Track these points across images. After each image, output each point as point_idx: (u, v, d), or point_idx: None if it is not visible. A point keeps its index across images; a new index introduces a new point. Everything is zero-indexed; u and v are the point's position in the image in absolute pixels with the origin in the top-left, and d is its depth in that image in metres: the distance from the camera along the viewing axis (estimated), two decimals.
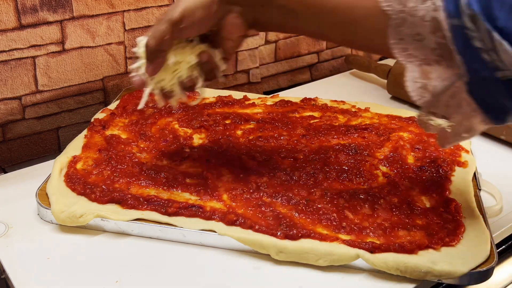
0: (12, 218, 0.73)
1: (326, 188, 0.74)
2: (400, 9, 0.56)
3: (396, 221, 0.68)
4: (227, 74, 1.20)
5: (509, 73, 0.52)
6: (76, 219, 0.69)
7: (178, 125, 0.90)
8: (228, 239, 0.67)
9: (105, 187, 0.73)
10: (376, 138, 0.86)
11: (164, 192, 0.73)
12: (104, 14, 0.98)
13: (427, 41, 0.57)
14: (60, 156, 0.80)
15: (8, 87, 0.93)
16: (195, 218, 0.69)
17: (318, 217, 0.68)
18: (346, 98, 1.00)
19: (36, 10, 0.90)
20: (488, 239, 0.65)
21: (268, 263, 0.66)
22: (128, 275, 0.64)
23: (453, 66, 0.57)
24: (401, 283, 0.63)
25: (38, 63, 0.94)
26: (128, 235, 0.70)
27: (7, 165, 0.96)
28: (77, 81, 1.00)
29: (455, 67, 0.57)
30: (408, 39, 0.57)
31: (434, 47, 0.57)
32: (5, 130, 0.95)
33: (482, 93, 0.57)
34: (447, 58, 0.57)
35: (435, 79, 0.60)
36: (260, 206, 0.70)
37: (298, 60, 1.31)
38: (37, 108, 0.97)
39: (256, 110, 0.96)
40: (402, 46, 0.58)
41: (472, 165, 0.80)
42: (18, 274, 0.64)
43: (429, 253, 0.63)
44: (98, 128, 0.87)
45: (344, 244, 0.64)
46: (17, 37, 0.90)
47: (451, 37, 0.54)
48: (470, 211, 0.70)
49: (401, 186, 0.75)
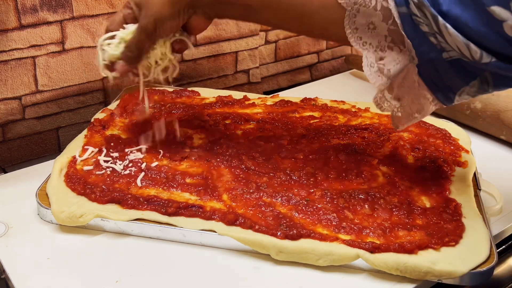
0: (12, 218, 0.73)
1: (326, 188, 0.74)
2: (354, 1, 0.61)
3: (396, 221, 0.68)
4: (227, 74, 1.20)
5: (453, 53, 0.58)
6: (76, 219, 0.69)
7: (178, 125, 0.90)
8: (228, 239, 0.67)
9: (105, 187, 0.73)
10: (376, 138, 0.86)
11: (164, 192, 0.73)
12: (104, 14, 0.98)
13: (379, 29, 0.62)
14: (60, 156, 0.80)
15: (8, 87, 0.93)
16: (195, 218, 0.69)
17: (318, 217, 0.68)
18: (346, 98, 1.00)
19: (36, 10, 0.90)
20: (488, 239, 0.65)
21: (268, 263, 0.66)
22: (128, 275, 0.64)
23: (404, 50, 0.63)
24: (401, 283, 0.63)
25: (38, 63, 0.94)
26: (128, 235, 0.70)
27: (7, 165, 0.96)
28: (77, 81, 1.00)
29: (406, 51, 0.62)
30: (363, 28, 0.63)
31: (386, 34, 0.62)
32: (5, 130, 0.95)
33: (431, 74, 0.62)
34: (399, 43, 0.63)
35: (389, 63, 0.65)
36: (260, 206, 0.70)
37: (298, 60, 1.31)
38: (37, 108, 0.97)
39: (256, 110, 0.96)
40: (358, 35, 0.63)
41: (472, 165, 0.80)
42: (18, 274, 0.64)
43: (429, 253, 0.63)
44: (98, 128, 0.87)
45: (344, 244, 0.64)
46: (17, 37, 0.90)
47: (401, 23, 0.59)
48: (470, 211, 0.70)
49: (401, 186, 0.75)
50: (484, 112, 0.95)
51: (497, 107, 0.93)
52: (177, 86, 1.12)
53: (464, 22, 0.54)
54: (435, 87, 0.64)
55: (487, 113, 0.94)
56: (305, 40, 1.29)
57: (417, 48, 0.60)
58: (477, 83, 0.61)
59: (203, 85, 1.16)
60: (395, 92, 0.67)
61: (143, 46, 0.71)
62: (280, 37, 1.25)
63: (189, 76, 1.14)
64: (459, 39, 0.55)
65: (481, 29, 0.53)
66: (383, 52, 0.64)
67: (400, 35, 0.61)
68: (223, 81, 1.20)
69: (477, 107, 0.96)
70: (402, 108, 0.68)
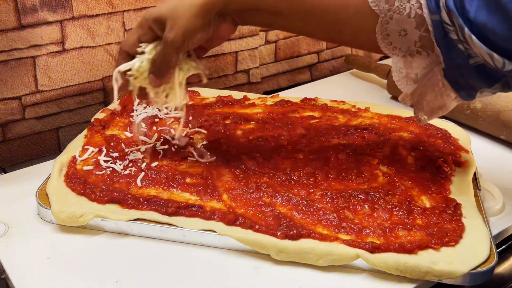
0: (12, 218, 0.73)
1: (326, 188, 0.74)
2: (388, 8, 0.63)
3: (396, 221, 0.68)
4: (227, 74, 1.20)
5: (479, 59, 0.60)
6: (76, 219, 0.69)
7: (178, 125, 0.90)
8: (228, 239, 0.67)
9: (105, 187, 0.73)
10: (376, 138, 0.86)
11: (164, 192, 0.73)
12: (104, 14, 0.98)
13: (410, 35, 0.64)
14: (60, 156, 0.80)
15: (8, 87, 0.93)
16: (195, 218, 0.69)
17: (318, 217, 0.68)
18: (346, 98, 1.00)
19: (36, 10, 0.90)
20: (488, 239, 0.65)
21: (268, 263, 0.66)
22: (128, 275, 0.64)
23: (431, 55, 0.65)
24: (401, 283, 0.63)
25: (38, 63, 0.94)
26: (128, 235, 0.70)
27: (7, 165, 0.96)
28: (77, 81, 1.00)
29: (434, 56, 0.65)
30: (394, 34, 0.65)
31: (416, 40, 0.64)
32: (5, 130, 0.95)
33: (456, 77, 0.65)
34: (427, 49, 0.65)
35: (416, 68, 0.67)
36: (260, 206, 0.70)
37: (298, 60, 1.31)
38: (37, 108, 0.97)
39: (256, 110, 0.96)
40: (388, 40, 0.65)
41: (472, 165, 0.80)
42: (18, 274, 0.64)
43: (429, 253, 0.63)
44: (98, 128, 0.87)
45: (344, 244, 0.64)
46: (17, 37, 0.90)
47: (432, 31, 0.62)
48: (470, 211, 0.70)
49: (401, 186, 0.75)
50: (484, 112, 0.95)
51: (497, 107, 0.93)
52: None
53: (491, 29, 0.56)
54: (459, 87, 0.66)
55: (487, 113, 0.94)
56: (305, 40, 1.29)
57: (445, 55, 0.63)
58: (499, 86, 0.63)
59: (203, 85, 1.16)
60: (420, 91, 0.69)
61: (170, 59, 0.69)
62: (280, 37, 1.25)
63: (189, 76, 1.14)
64: (483, 50, 0.57)
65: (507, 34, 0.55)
66: (412, 57, 0.66)
67: (430, 41, 0.63)
68: (223, 81, 1.20)
69: (477, 107, 0.96)
70: (425, 102, 0.70)
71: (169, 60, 0.69)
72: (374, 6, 0.63)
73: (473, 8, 0.57)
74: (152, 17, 0.68)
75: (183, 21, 0.65)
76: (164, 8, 0.67)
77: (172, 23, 0.66)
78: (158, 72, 0.70)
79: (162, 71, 0.70)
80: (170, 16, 0.66)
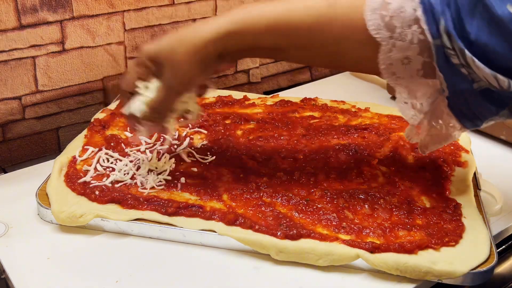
0: (12, 218, 0.73)
1: (326, 188, 0.74)
2: (389, 35, 0.60)
3: (396, 221, 0.68)
4: (227, 74, 1.20)
5: (483, 83, 0.57)
6: (76, 219, 0.69)
7: (178, 125, 0.90)
8: (228, 239, 0.67)
9: (105, 187, 0.73)
10: (376, 138, 0.86)
11: (164, 192, 0.73)
12: (104, 14, 0.98)
13: (413, 63, 0.61)
14: (60, 156, 0.80)
15: (8, 87, 0.93)
16: (195, 218, 0.69)
17: (318, 217, 0.68)
18: (346, 98, 1.00)
19: (36, 10, 0.90)
20: (488, 239, 0.65)
21: (268, 263, 0.66)
22: (128, 275, 0.64)
23: (435, 83, 0.63)
24: (401, 283, 0.63)
25: (38, 63, 0.94)
26: (128, 235, 0.70)
27: (7, 165, 0.96)
28: (77, 81, 1.00)
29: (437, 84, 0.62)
30: (397, 63, 0.62)
31: (419, 68, 0.62)
32: (5, 130, 0.95)
33: (460, 105, 0.62)
34: (430, 77, 0.62)
35: (421, 98, 0.65)
36: (260, 206, 0.70)
37: None
38: (37, 108, 0.97)
39: (256, 110, 0.96)
40: (392, 70, 0.63)
41: (472, 165, 0.80)
42: (18, 274, 0.64)
43: (429, 253, 0.63)
44: (98, 128, 0.87)
45: (344, 244, 0.64)
46: (17, 37, 0.90)
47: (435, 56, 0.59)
48: (470, 211, 0.70)
49: (401, 186, 0.75)
50: None
51: None
52: None
53: (492, 49, 0.54)
54: (464, 116, 0.64)
55: None
56: None
57: (448, 81, 0.60)
58: (507, 112, 0.61)
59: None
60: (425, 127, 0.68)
61: (170, 104, 0.68)
62: None
63: None
64: (486, 71, 0.55)
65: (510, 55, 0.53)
66: (416, 86, 0.65)
67: (432, 68, 0.61)
68: (223, 81, 1.20)
69: None
70: (429, 137, 0.69)
71: (170, 104, 0.68)
72: (375, 34, 0.60)
73: (474, 29, 0.54)
74: (149, 58, 0.67)
75: (182, 70, 0.64)
76: (160, 48, 0.65)
77: (171, 71, 0.65)
78: (158, 117, 0.69)
79: (162, 116, 0.70)
80: (169, 61, 0.65)
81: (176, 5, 1.05)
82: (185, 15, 1.07)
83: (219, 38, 0.63)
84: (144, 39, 1.04)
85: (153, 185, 0.74)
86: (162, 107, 0.68)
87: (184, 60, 0.64)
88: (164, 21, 1.05)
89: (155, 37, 1.05)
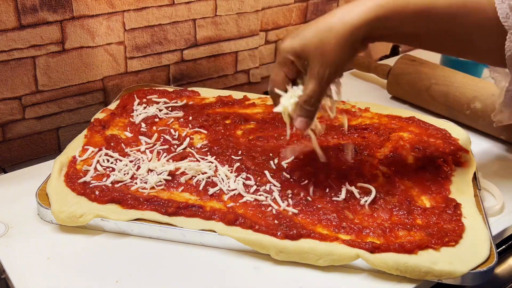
0: (12, 218, 0.73)
1: (326, 188, 0.74)
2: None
3: (396, 221, 0.68)
4: (227, 74, 1.20)
5: None
6: (76, 219, 0.69)
7: (179, 125, 0.90)
8: (228, 239, 0.67)
9: (105, 187, 0.73)
10: (376, 138, 0.86)
11: (164, 192, 0.73)
12: (104, 14, 0.98)
13: None
14: (60, 156, 0.80)
15: (8, 87, 0.93)
16: (195, 218, 0.69)
17: (318, 217, 0.68)
18: (346, 98, 1.00)
19: (36, 10, 0.90)
20: (488, 239, 0.65)
21: (268, 263, 0.66)
22: (128, 275, 0.64)
23: None
24: (401, 283, 0.63)
25: (38, 63, 0.94)
26: (128, 235, 0.70)
27: (7, 165, 0.96)
28: (77, 81, 1.00)
29: None
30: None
31: None
32: (5, 130, 0.95)
33: None
34: None
35: None
36: (260, 206, 0.70)
37: None
38: (37, 108, 0.97)
39: (256, 110, 0.96)
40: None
41: (472, 165, 0.80)
42: (18, 274, 0.64)
43: (429, 253, 0.63)
44: (98, 128, 0.87)
45: (344, 244, 0.64)
46: (17, 37, 0.90)
47: None
48: (470, 211, 0.70)
49: (401, 186, 0.75)
50: (484, 112, 0.95)
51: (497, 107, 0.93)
52: (177, 86, 1.12)
53: None
54: None
55: (487, 113, 0.93)
56: None
57: None
58: None
59: (203, 85, 1.16)
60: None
61: (321, 95, 0.67)
62: (280, 37, 1.25)
63: (189, 76, 1.14)
64: None
65: None
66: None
67: None
68: (223, 81, 1.20)
69: (477, 107, 0.96)
70: None
71: (321, 95, 0.67)
72: (504, 22, 0.64)
73: None
74: (294, 53, 0.66)
75: (332, 56, 0.64)
76: (305, 41, 0.65)
77: (321, 59, 0.64)
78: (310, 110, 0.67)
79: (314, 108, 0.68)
80: (318, 51, 0.64)
81: (176, 5, 1.05)
82: (185, 15, 1.07)
83: (368, 22, 0.64)
84: (144, 39, 1.04)
85: (153, 185, 0.74)
86: (314, 100, 0.67)
87: (335, 48, 0.63)
88: (164, 21, 1.05)
89: (155, 37, 1.05)
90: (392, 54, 1.38)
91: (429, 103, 1.04)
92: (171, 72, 1.11)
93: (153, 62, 1.08)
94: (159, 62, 1.08)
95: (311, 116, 0.68)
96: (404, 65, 1.09)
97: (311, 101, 0.67)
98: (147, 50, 1.05)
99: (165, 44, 1.07)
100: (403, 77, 1.09)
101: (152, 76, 1.09)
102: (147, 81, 1.08)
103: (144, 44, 1.05)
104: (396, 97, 1.12)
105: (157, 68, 1.09)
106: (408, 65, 1.09)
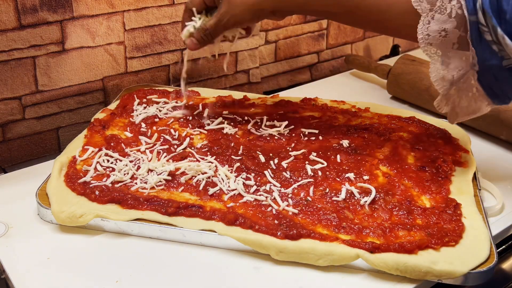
0: (12, 218, 0.73)
1: (326, 188, 0.74)
2: (429, 7, 0.66)
3: (396, 221, 0.68)
4: (227, 74, 1.20)
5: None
6: (76, 219, 0.69)
7: (179, 125, 0.90)
8: (228, 239, 0.67)
9: (105, 187, 0.73)
10: (376, 138, 0.86)
11: (164, 192, 0.73)
12: (104, 14, 0.98)
13: (450, 36, 0.67)
14: (60, 156, 0.80)
15: (8, 87, 0.93)
16: (195, 218, 0.69)
17: (318, 217, 0.68)
18: (346, 98, 1.00)
19: (36, 10, 0.90)
20: (488, 239, 0.65)
21: (268, 263, 0.66)
22: (128, 275, 0.64)
23: (467, 57, 0.68)
24: (401, 283, 0.63)
25: (38, 63, 0.94)
26: (128, 235, 0.70)
27: (7, 165, 0.96)
28: (77, 81, 1.00)
29: (469, 58, 0.67)
30: (434, 34, 0.67)
31: (455, 42, 0.67)
32: (5, 130, 0.95)
33: (490, 81, 0.67)
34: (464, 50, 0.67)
35: (453, 70, 0.70)
36: (260, 206, 0.70)
37: (298, 60, 1.31)
38: (37, 108, 0.97)
39: (256, 110, 0.96)
40: (429, 41, 0.68)
41: (472, 165, 0.80)
42: (18, 274, 0.64)
43: (429, 253, 0.63)
44: (98, 128, 0.87)
45: (344, 244, 0.64)
46: (17, 37, 0.90)
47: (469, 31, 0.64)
48: (470, 211, 0.70)
49: (401, 186, 0.75)
50: None
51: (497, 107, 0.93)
52: (177, 86, 1.12)
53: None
54: (492, 93, 0.69)
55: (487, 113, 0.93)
56: (305, 40, 1.29)
57: (480, 56, 0.65)
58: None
59: (203, 85, 1.16)
60: (454, 97, 0.73)
61: (217, 34, 0.79)
62: (280, 37, 1.25)
63: (189, 76, 1.14)
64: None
65: None
66: (448, 59, 0.70)
67: (466, 43, 0.66)
68: (223, 81, 1.20)
69: None
70: (459, 109, 0.74)
71: (216, 34, 0.79)
72: (416, 6, 0.66)
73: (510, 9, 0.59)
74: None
75: (235, 11, 0.75)
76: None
77: (226, 7, 0.76)
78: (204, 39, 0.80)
79: (207, 39, 0.80)
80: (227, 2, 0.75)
81: (176, 5, 1.05)
82: None
83: None
84: (144, 39, 1.04)
85: (153, 185, 0.74)
86: (208, 32, 0.79)
87: (240, 8, 0.75)
88: (164, 21, 1.05)
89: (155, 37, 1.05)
90: (392, 54, 1.38)
91: (429, 103, 1.04)
92: (171, 72, 1.11)
93: (153, 62, 1.08)
94: (159, 62, 1.08)
95: (202, 43, 0.81)
96: (404, 65, 1.09)
97: (205, 32, 0.79)
98: (147, 50, 1.06)
99: (165, 44, 1.07)
100: (403, 77, 1.09)
101: (152, 76, 1.09)
102: (147, 81, 1.08)
103: (144, 44, 1.05)
104: (396, 97, 1.12)
105: (157, 68, 1.09)
106: (408, 65, 1.09)
